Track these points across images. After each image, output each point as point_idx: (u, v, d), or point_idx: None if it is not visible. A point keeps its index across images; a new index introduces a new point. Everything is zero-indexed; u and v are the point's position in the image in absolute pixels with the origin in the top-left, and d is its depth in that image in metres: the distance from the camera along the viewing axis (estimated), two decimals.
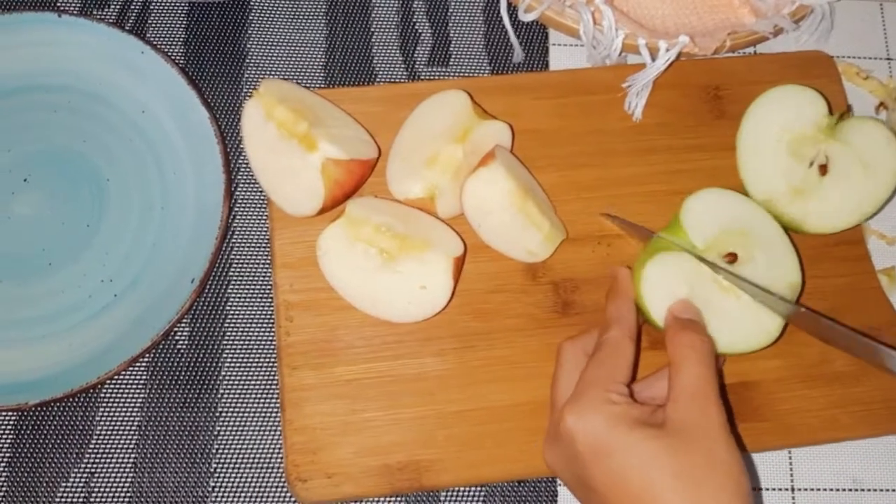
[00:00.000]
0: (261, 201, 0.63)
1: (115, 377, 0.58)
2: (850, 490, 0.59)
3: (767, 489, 0.59)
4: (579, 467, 0.47)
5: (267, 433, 0.58)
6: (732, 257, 0.54)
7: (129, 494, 0.56)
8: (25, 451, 0.57)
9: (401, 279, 0.55)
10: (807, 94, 0.60)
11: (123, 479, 0.57)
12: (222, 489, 0.57)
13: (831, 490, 0.59)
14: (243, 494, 0.57)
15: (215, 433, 0.58)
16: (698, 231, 0.55)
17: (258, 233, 0.62)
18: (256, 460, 0.58)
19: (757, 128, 0.60)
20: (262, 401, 0.59)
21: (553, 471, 0.51)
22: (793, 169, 0.59)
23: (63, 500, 0.56)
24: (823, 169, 0.59)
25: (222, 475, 0.57)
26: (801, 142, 0.59)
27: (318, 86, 0.66)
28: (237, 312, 0.60)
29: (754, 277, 0.54)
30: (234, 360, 0.59)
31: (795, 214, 0.59)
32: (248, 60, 0.66)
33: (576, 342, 0.54)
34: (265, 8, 0.68)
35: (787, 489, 0.59)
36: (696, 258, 0.53)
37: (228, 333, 0.60)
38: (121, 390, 0.58)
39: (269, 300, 0.61)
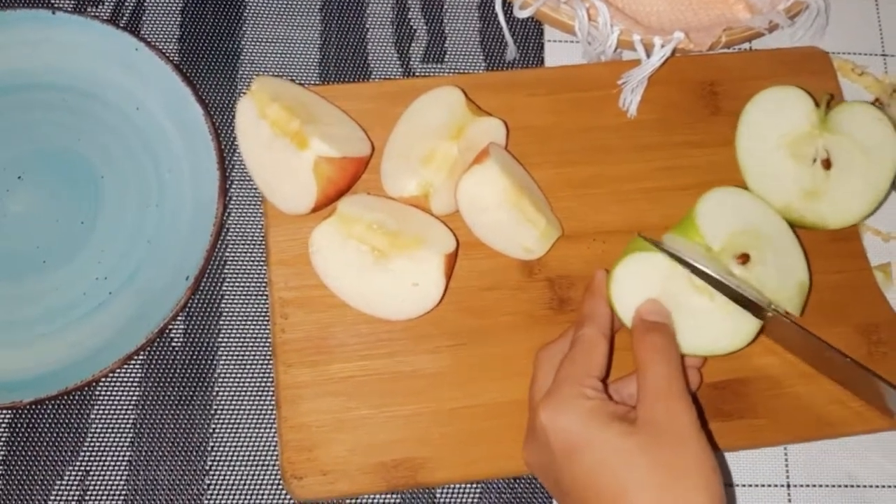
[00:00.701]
0: (255, 199, 0.63)
1: (110, 375, 0.58)
2: (846, 486, 0.59)
3: (763, 486, 0.59)
4: (555, 467, 0.47)
5: (262, 431, 0.58)
6: (745, 258, 0.54)
7: (124, 492, 0.56)
8: (20, 449, 0.57)
9: (393, 277, 0.55)
10: (790, 94, 0.60)
11: (118, 478, 0.57)
12: (218, 487, 0.57)
13: (827, 486, 0.59)
14: (239, 492, 0.57)
15: (210, 431, 0.58)
16: (713, 232, 0.54)
17: (253, 230, 0.62)
18: (252, 458, 0.57)
19: (752, 143, 0.60)
20: (257, 398, 0.59)
21: (532, 472, 0.51)
22: (799, 172, 0.59)
23: (58, 498, 0.56)
24: (827, 163, 0.59)
25: (218, 473, 0.57)
26: (799, 142, 0.60)
27: (312, 83, 0.66)
28: (232, 310, 0.60)
29: (766, 278, 0.54)
30: (230, 357, 0.59)
31: (814, 215, 0.59)
32: (242, 57, 0.66)
33: (552, 347, 0.54)
34: (260, 4, 0.68)
35: (783, 485, 0.59)
36: (672, 258, 0.53)
37: (223, 331, 0.60)
38: (116, 388, 0.58)
39: (264, 298, 0.61)
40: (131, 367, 0.59)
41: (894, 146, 0.59)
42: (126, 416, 0.58)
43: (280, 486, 0.57)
